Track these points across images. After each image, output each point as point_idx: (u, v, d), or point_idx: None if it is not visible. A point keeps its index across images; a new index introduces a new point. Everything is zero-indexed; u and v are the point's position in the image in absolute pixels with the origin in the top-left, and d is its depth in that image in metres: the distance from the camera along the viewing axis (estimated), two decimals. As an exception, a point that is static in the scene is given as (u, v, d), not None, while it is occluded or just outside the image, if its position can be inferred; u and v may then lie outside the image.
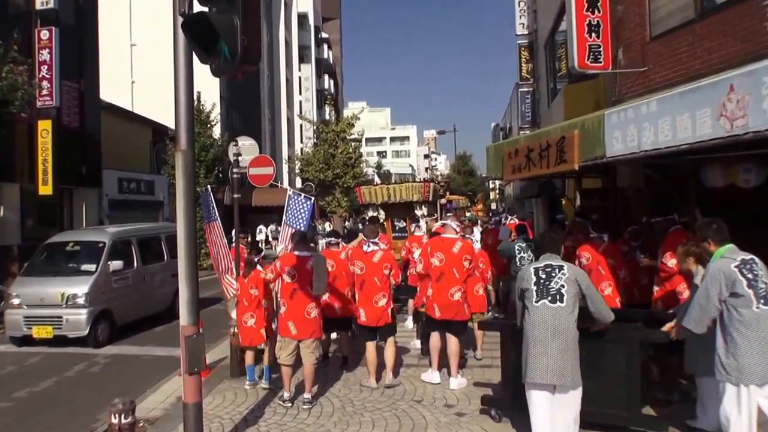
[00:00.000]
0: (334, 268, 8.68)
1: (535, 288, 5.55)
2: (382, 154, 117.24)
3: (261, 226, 39.92)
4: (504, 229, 14.29)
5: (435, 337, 8.15)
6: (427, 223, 13.32)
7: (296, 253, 7.47)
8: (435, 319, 7.96)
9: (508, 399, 6.50)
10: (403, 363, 9.12)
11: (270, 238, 40.14)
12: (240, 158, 10.06)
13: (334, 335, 9.64)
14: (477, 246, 9.19)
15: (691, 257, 6.00)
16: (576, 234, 9.73)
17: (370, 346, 8.15)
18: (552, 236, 6.29)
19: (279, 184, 12.65)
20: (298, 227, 9.54)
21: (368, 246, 8.17)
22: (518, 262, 10.68)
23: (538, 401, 5.55)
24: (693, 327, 5.28)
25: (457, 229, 8.39)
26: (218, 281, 9.53)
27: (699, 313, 5.24)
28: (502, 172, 9.13)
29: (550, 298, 5.48)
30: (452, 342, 7.98)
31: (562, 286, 5.49)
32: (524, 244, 10.97)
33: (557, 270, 5.58)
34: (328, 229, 28.22)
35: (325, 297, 8.37)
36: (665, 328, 5.84)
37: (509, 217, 18.71)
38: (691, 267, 6.04)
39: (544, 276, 5.57)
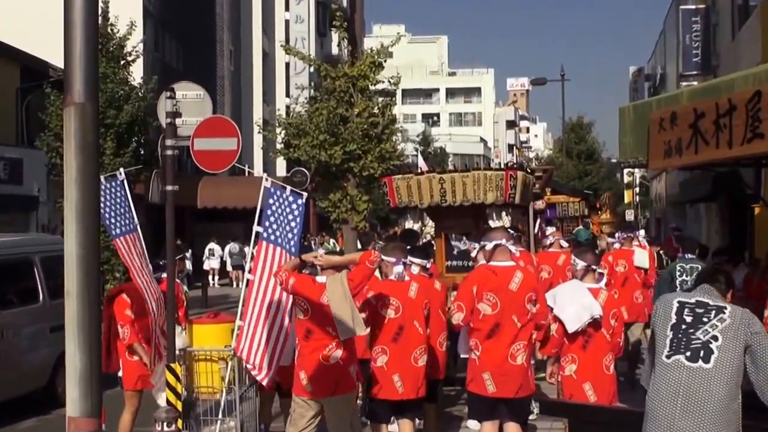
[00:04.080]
0: (400, 312, 9.03)
1: (670, 334, 5.79)
2: (431, 119, 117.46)
3: (212, 245, 40.19)
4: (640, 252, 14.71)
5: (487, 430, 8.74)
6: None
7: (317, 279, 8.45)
8: (487, 398, 8.60)
9: None
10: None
11: (229, 266, 40.17)
12: (179, 121, 10.19)
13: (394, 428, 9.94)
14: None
15: None
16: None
17: None
18: (717, 267, 6.48)
19: (247, 169, 12.83)
20: (283, 245, 9.64)
21: (400, 270, 8.89)
22: (678, 288, 11.29)
23: None
24: None
25: (517, 254, 9.06)
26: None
27: None
28: (647, 155, 9.14)
29: (689, 353, 5.68)
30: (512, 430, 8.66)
31: (714, 338, 5.68)
32: (689, 266, 11.33)
33: (713, 313, 5.79)
34: (333, 248, 28.13)
35: (382, 363, 9.00)
36: None
37: (637, 235, 18.59)
38: None
39: (690, 318, 5.80)
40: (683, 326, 5.75)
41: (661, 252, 19.14)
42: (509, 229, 12.49)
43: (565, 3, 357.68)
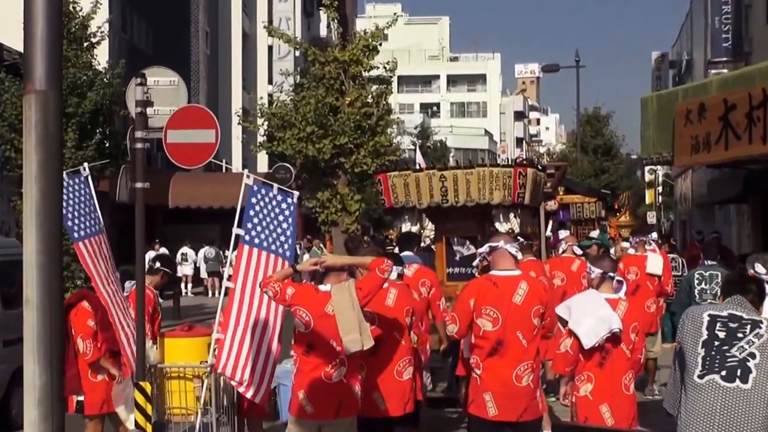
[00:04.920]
0: (376, 323, 9.09)
1: (702, 352, 5.78)
2: (431, 110, 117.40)
3: (185, 249, 39.99)
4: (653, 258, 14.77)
5: None
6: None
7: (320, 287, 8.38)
8: (488, 421, 8.50)
9: None
10: None
11: (203, 273, 39.97)
12: (150, 111, 10.18)
13: None
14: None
15: None
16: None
17: None
18: (744, 274, 6.49)
19: (225, 165, 12.82)
20: (273, 250, 9.63)
21: None
22: (697, 297, 11.47)
23: None
24: None
25: (519, 257, 8.94)
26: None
27: None
28: (672, 151, 9.17)
29: (724, 372, 5.69)
30: None
31: (751, 355, 5.70)
32: (708, 273, 11.67)
33: (749, 327, 5.80)
34: (323, 253, 28.05)
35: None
36: None
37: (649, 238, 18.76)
38: None
39: (723, 333, 5.79)
40: (716, 342, 5.75)
41: (683, 260, 19.24)
42: (518, 236, 12.46)
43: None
